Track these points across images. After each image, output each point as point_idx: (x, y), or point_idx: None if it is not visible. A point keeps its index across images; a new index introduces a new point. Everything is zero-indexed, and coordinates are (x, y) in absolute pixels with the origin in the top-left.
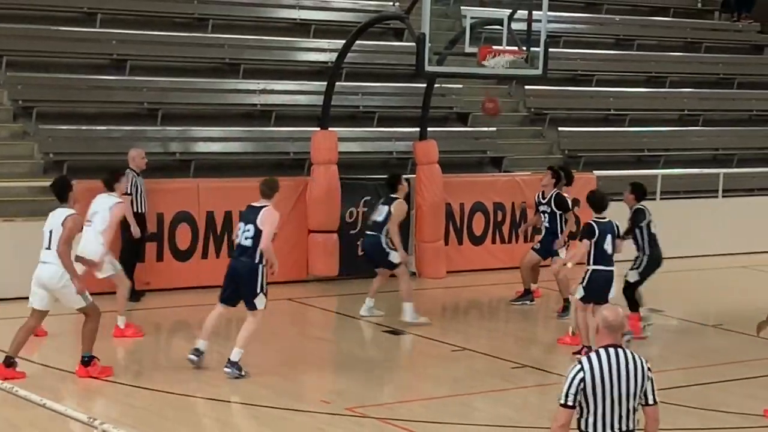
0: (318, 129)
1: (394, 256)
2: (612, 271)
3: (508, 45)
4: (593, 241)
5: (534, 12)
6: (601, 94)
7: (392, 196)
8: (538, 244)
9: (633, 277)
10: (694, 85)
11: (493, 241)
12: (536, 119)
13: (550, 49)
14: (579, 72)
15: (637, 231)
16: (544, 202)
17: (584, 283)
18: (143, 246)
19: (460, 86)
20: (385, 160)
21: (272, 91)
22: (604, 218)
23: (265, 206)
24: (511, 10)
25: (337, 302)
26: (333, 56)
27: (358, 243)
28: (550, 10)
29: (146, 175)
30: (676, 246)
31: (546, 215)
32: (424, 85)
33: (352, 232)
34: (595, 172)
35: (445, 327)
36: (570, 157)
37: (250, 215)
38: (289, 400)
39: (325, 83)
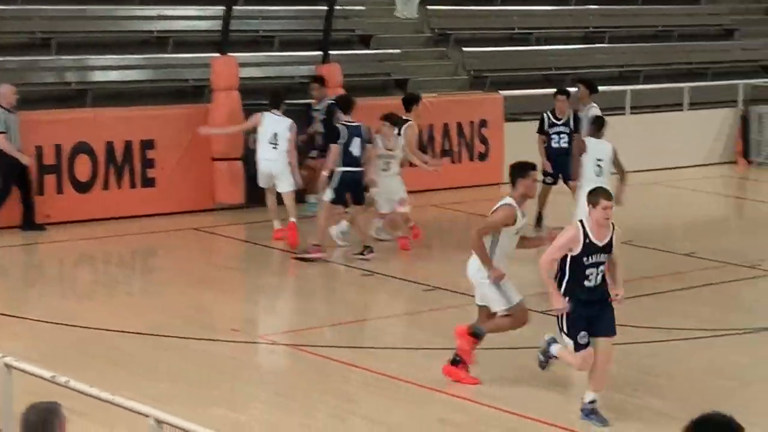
0: (218, 55)
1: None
2: (360, 172)
3: None
4: (342, 143)
5: None
6: (505, 13)
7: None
8: (550, 178)
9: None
10: (600, 2)
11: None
12: (440, 40)
13: None
14: None
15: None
16: (559, 123)
17: (335, 185)
18: (26, 179)
19: (362, 8)
20: (287, 85)
21: (169, 17)
22: (353, 122)
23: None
24: None
25: (245, 230)
26: None
27: None
28: None
29: (42, 106)
30: None
31: (565, 135)
32: (326, 7)
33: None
34: (501, 92)
35: (355, 252)
36: (476, 77)
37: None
38: (199, 330)
39: (224, 7)
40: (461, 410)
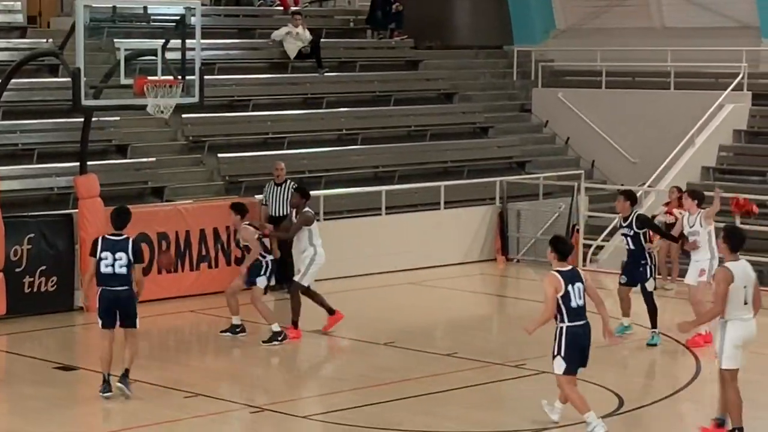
0: None
1: None
2: None
3: (163, 75)
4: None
5: (187, 40)
6: (258, 119)
7: None
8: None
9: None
10: (352, 104)
11: (159, 272)
12: (195, 147)
13: (206, 77)
14: (235, 98)
15: None
16: (625, 225)
17: None
18: None
19: (118, 118)
20: (46, 197)
21: None
22: None
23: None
24: (164, 40)
25: (7, 341)
26: None
27: None
28: (203, 38)
29: None
30: (343, 266)
31: (629, 238)
32: (82, 119)
33: (17, 270)
34: (257, 196)
35: (116, 359)
36: (231, 182)
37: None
38: None
39: None
40: None
